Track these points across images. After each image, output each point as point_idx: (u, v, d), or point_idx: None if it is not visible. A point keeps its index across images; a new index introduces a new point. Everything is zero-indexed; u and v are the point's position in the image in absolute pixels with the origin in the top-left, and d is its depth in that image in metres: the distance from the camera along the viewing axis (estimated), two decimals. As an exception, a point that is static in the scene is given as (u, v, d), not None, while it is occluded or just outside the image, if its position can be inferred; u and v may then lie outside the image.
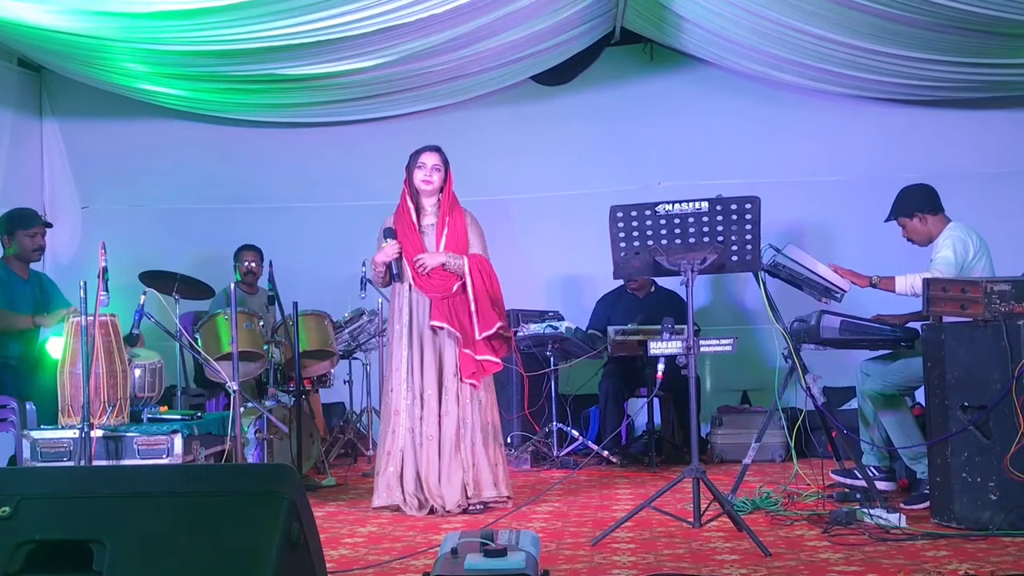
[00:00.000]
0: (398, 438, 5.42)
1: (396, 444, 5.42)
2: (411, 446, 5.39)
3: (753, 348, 7.80)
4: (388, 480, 5.41)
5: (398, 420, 5.43)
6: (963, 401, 4.57)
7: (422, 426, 5.40)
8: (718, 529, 4.63)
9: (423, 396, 5.42)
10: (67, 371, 5.27)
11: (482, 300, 5.45)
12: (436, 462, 5.38)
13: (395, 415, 5.44)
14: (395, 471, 5.40)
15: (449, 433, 5.38)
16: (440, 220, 5.56)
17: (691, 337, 4.70)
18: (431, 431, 5.39)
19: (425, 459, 5.38)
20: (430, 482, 5.36)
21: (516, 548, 3.26)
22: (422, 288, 5.47)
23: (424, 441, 5.39)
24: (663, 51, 8.27)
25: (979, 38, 6.43)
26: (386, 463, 5.44)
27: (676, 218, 4.72)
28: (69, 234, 8.49)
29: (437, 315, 5.42)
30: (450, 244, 5.51)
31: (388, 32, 6.53)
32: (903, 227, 5.76)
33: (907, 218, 5.71)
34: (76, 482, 2.41)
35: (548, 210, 8.40)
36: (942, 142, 7.89)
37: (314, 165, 8.64)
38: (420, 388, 5.42)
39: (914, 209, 5.68)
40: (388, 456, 5.44)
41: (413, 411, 5.40)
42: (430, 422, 5.40)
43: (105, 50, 6.83)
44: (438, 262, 5.44)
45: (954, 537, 4.40)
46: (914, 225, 5.70)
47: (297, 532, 2.30)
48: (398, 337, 5.50)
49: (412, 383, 5.43)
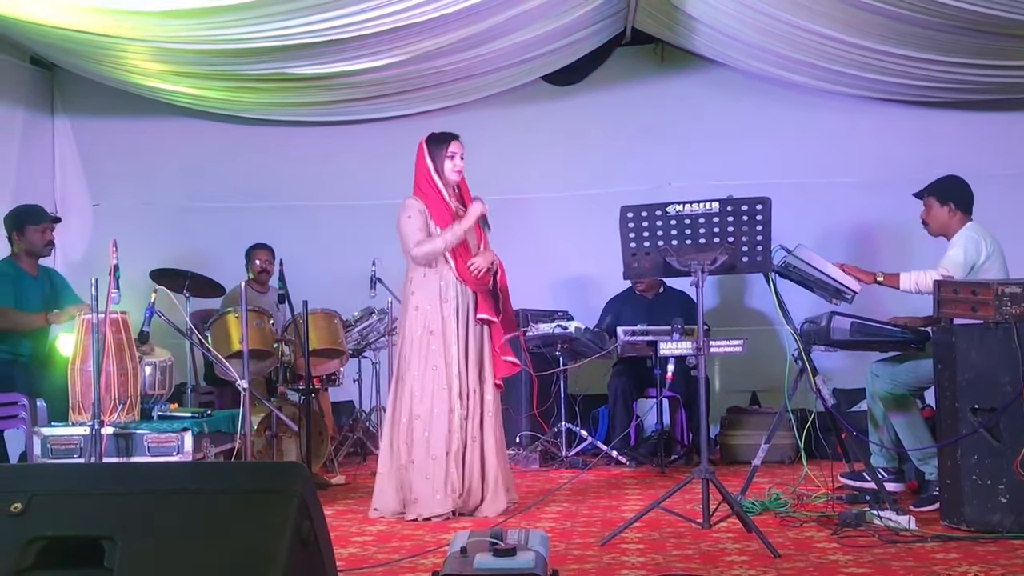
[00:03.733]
0: (454, 441, 5.18)
1: (453, 446, 5.18)
2: (460, 446, 5.21)
3: (763, 349, 7.77)
4: (435, 487, 5.13)
5: (452, 419, 5.18)
6: (973, 403, 4.56)
7: (469, 425, 5.23)
8: (727, 530, 4.63)
9: (470, 394, 5.25)
10: (78, 368, 5.28)
11: (507, 301, 5.42)
12: (479, 467, 5.23)
13: (450, 413, 5.18)
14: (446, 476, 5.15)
15: (494, 436, 5.29)
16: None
17: (701, 338, 4.70)
18: (475, 432, 5.25)
19: (471, 459, 5.22)
20: (473, 483, 5.22)
21: (525, 548, 3.25)
22: (466, 280, 5.32)
23: (470, 441, 5.24)
24: (674, 52, 8.27)
25: (990, 39, 6.42)
26: (434, 468, 5.15)
27: (686, 219, 4.71)
28: (80, 232, 8.52)
29: (485, 308, 5.32)
30: (482, 236, 5.46)
31: (399, 32, 6.53)
32: (928, 208, 5.70)
33: (939, 202, 5.65)
34: (87, 479, 2.41)
35: (558, 210, 8.40)
36: (955, 144, 7.87)
37: (325, 164, 8.65)
38: (467, 386, 5.25)
39: (951, 199, 5.64)
40: (437, 460, 5.15)
41: (461, 410, 5.22)
42: (475, 421, 5.25)
43: (117, 48, 6.85)
44: (489, 262, 5.35)
45: (964, 539, 4.39)
46: (941, 212, 5.65)
47: (307, 530, 2.30)
48: (444, 328, 5.24)
49: (462, 380, 5.24)
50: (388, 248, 7.24)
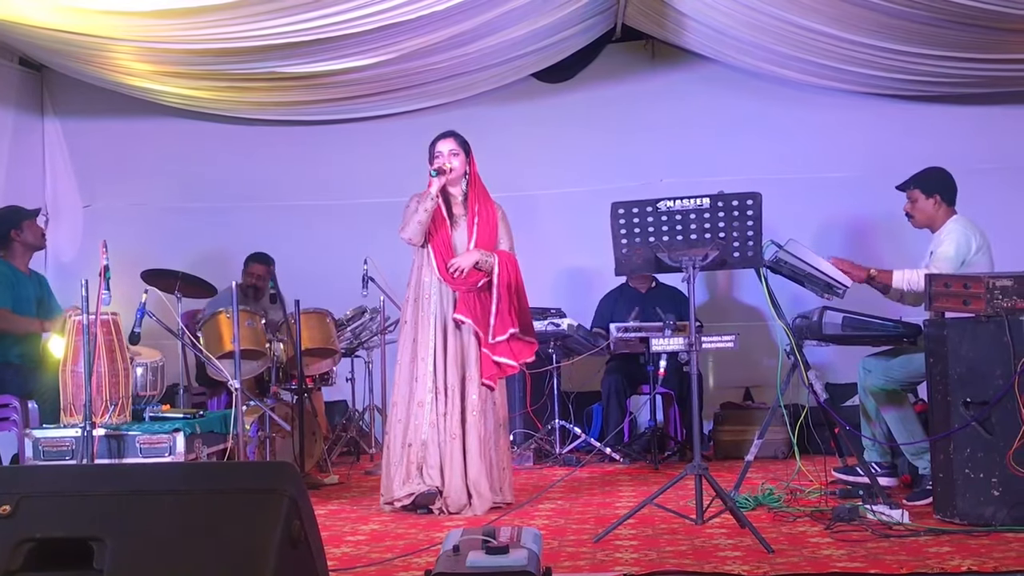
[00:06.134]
0: (421, 431, 5.28)
1: (419, 436, 5.28)
2: (435, 441, 5.26)
3: (755, 344, 7.79)
4: (408, 471, 5.26)
5: (422, 412, 5.28)
6: (965, 397, 4.56)
7: (446, 422, 5.27)
8: (721, 526, 4.63)
9: (447, 390, 5.30)
10: (69, 370, 5.27)
11: (503, 301, 5.36)
12: (461, 463, 5.26)
13: (419, 406, 5.29)
14: (416, 463, 5.25)
15: (477, 434, 5.29)
16: (470, 211, 5.49)
17: (693, 334, 4.70)
18: (455, 429, 5.27)
19: (449, 457, 5.25)
20: (454, 483, 5.24)
21: (518, 545, 3.25)
22: (448, 281, 5.37)
23: (448, 439, 5.27)
24: (665, 48, 8.26)
25: (980, 33, 6.42)
26: (404, 455, 5.29)
27: (678, 214, 4.72)
28: (71, 233, 8.50)
29: (462, 309, 5.33)
30: (481, 237, 5.43)
31: (388, 30, 6.51)
32: (913, 201, 5.71)
33: (924, 194, 5.66)
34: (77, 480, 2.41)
35: (550, 207, 8.39)
36: (944, 137, 7.87)
37: (315, 163, 8.63)
38: (444, 382, 5.30)
39: (936, 191, 5.64)
40: (407, 448, 5.29)
41: (437, 405, 5.28)
42: (454, 419, 5.27)
43: (105, 49, 6.83)
44: (471, 263, 5.35)
45: (957, 533, 4.40)
46: (926, 204, 5.66)
47: (298, 530, 2.30)
48: (425, 325, 5.36)
49: (437, 376, 5.30)
50: (379, 247, 7.27)
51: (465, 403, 5.32)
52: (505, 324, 5.37)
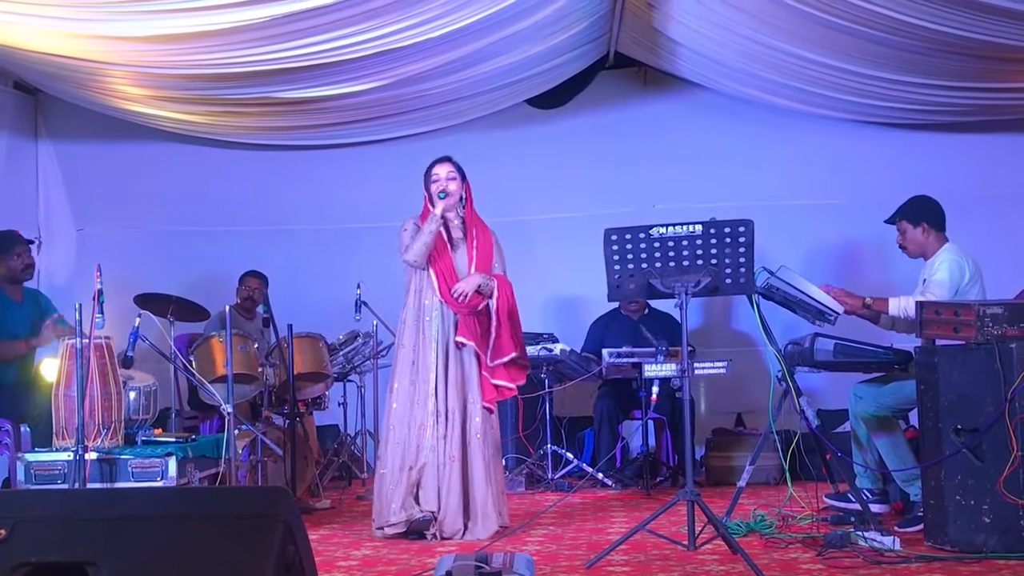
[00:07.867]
0: (422, 454, 5.24)
1: (420, 459, 5.24)
2: (433, 464, 5.23)
3: (747, 370, 7.79)
4: (403, 499, 5.21)
5: (423, 435, 5.25)
6: (956, 424, 4.58)
7: (446, 445, 5.25)
8: (713, 552, 4.63)
9: (448, 414, 5.28)
10: (61, 393, 5.27)
11: (503, 325, 5.37)
12: (459, 487, 5.24)
13: (420, 429, 5.25)
14: (413, 486, 5.22)
15: (481, 457, 5.28)
16: (469, 235, 5.51)
17: (685, 359, 4.71)
18: (454, 452, 5.25)
19: (447, 480, 5.23)
20: (450, 507, 5.22)
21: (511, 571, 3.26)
22: (451, 304, 5.36)
23: (447, 461, 5.25)
24: (657, 75, 8.30)
25: (971, 62, 6.47)
26: (402, 478, 5.24)
27: (670, 241, 4.74)
28: (64, 256, 8.50)
29: (463, 331, 5.33)
30: (480, 260, 5.45)
31: (383, 56, 6.54)
32: (902, 233, 5.72)
33: (912, 225, 5.67)
34: (71, 505, 2.41)
35: (543, 233, 8.41)
36: (935, 165, 7.92)
37: (309, 188, 8.65)
38: (445, 405, 5.28)
39: (923, 219, 5.65)
40: (407, 471, 5.24)
41: (437, 428, 5.25)
42: (453, 442, 5.25)
43: (101, 73, 6.85)
44: (474, 286, 5.35)
45: (948, 560, 4.40)
46: (916, 234, 5.67)
47: (292, 555, 2.30)
48: (426, 348, 5.34)
49: (438, 399, 5.28)
50: (373, 271, 7.28)
51: (467, 426, 5.31)
52: (507, 347, 5.39)
